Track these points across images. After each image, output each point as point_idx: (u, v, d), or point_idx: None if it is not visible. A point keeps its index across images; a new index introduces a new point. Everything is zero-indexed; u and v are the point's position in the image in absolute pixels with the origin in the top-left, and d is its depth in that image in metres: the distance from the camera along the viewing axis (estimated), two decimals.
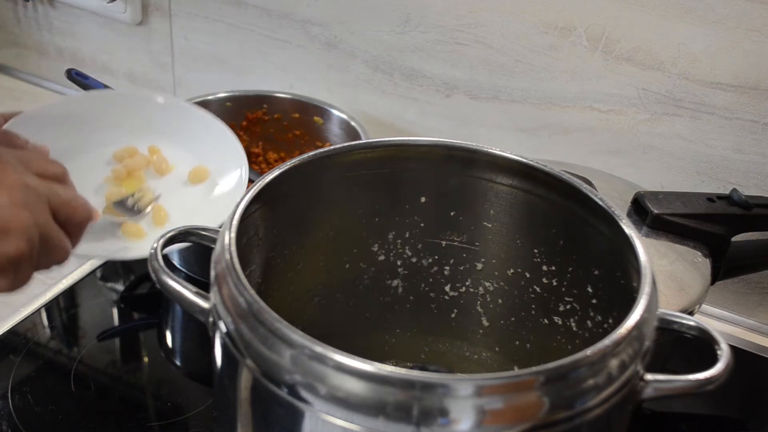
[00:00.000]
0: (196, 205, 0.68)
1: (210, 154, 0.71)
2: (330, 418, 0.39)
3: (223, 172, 0.70)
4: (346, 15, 0.90)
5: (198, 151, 0.72)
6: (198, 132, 0.72)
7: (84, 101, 0.72)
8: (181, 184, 0.70)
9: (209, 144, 0.72)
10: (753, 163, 0.76)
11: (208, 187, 0.70)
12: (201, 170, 0.70)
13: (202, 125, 0.72)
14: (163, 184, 0.69)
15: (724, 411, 0.73)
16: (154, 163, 0.70)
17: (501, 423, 0.38)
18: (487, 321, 0.64)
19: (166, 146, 0.71)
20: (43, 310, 0.76)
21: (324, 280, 0.62)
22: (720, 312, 0.83)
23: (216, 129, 0.72)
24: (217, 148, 0.71)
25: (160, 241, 0.50)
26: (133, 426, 0.65)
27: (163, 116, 0.73)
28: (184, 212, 0.67)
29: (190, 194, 0.69)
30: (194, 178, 0.70)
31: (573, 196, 0.54)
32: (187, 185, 0.70)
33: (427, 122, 0.91)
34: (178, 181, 0.70)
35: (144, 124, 0.72)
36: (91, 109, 0.71)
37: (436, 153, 0.58)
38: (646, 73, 0.77)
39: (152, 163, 0.70)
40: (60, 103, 0.71)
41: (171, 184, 0.70)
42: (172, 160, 0.71)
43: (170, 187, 0.69)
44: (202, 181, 0.70)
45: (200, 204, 0.68)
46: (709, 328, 0.45)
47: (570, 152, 0.84)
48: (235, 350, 0.42)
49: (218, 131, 0.72)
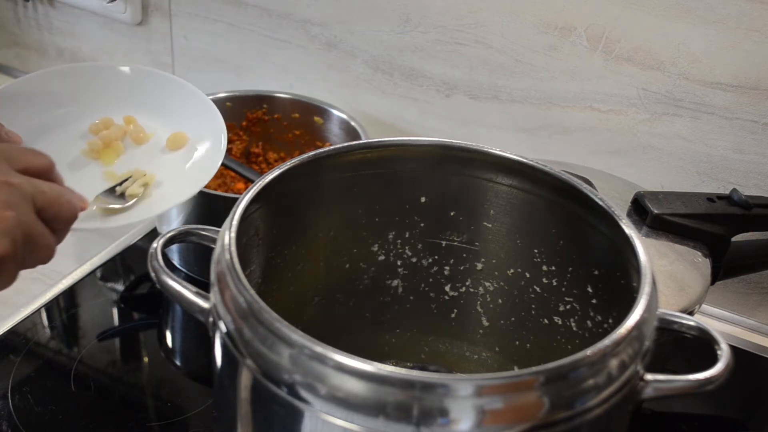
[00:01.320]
0: (175, 171, 0.67)
1: (187, 120, 0.70)
2: (330, 418, 0.39)
3: (202, 136, 0.69)
4: (346, 15, 0.90)
5: (174, 118, 0.71)
6: (173, 99, 0.72)
7: (54, 77, 0.71)
8: (159, 151, 0.69)
9: (186, 110, 0.71)
10: (753, 163, 0.76)
11: (187, 153, 0.69)
12: (179, 136, 0.69)
13: (177, 92, 0.72)
14: (140, 152, 0.68)
15: (724, 411, 0.73)
16: (131, 132, 0.69)
17: (501, 423, 0.38)
18: (487, 321, 0.64)
19: (142, 115, 0.71)
20: (43, 310, 0.76)
21: (324, 280, 0.62)
22: (720, 312, 0.83)
23: (191, 94, 0.72)
24: (194, 114, 0.70)
25: (160, 241, 0.50)
26: (133, 426, 0.65)
27: (136, 86, 0.72)
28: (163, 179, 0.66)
29: (169, 161, 0.68)
30: (172, 145, 0.69)
31: (573, 196, 0.54)
32: (166, 152, 0.69)
33: (427, 122, 0.91)
34: (156, 148, 0.69)
35: (117, 95, 0.71)
36: (62, 84, 0.70)
37: (436, 153, 0.58)
38: (646, 73, 0.77)
39: (129, 132, 0.69)
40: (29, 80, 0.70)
41: (149, 153, 0.69)
42: (149, 129, 0.70)
43: (148, 156, 0.68)
44: (180, 147, 0.69)
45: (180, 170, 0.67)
46: (709, 328, 0.45)
47: (570, 152, 0.84)
48: (235, 350, 0.42)
49: (193, 96, 0.71)
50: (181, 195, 0.64)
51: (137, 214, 0.63)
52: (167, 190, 0.65)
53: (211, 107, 0.70)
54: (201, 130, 0.69)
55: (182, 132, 0.70)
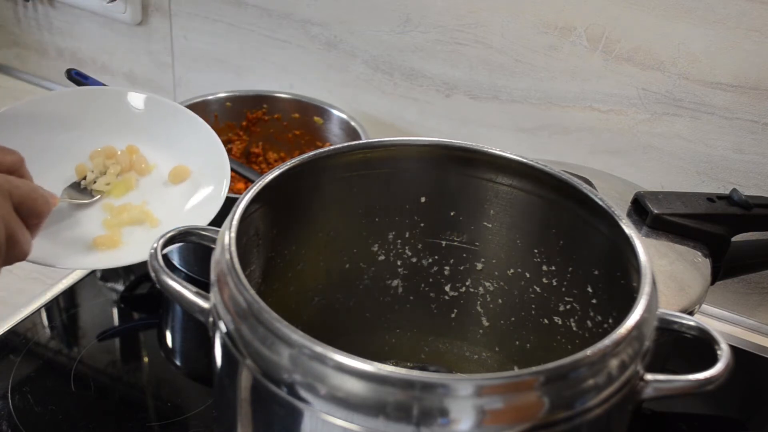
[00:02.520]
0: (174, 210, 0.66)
1: (192, 155, 0.69)
2: (330, 418, 0.39)
3: (205, 174, 0.67)
4: (346, 15, 0.90)
5: (179, 151, 0.69)
6: (180, 131, 0.70)
7: (59, 100, 0.69)
8: (160, 184, 0.67)
9: (192, 144, 0.69)
10: (753, 163, 0.76)
11: (188, 189, 0.67)
12: (182, 169, 0.68)
13: (186, 124, 0.70)
14: (142, 184, 0.67)
15: (724, 411, 0.73)
16: (134, 162, 0.68)
17: (501, 423, 0.38)
18: (487, 321, 0.64)
19: (146, 145, 0.69)
20: (43, 310, 0.76)
21: (324, 280, 0.62)
22: (720, 312, 0.83)
23: (200, 129, 0.70)
24: (200, 149, 0.69)
25: (160, 241, 0.50)
26: (133, 426, 0.65)
27: (142, 114, 0.70)
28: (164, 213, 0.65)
29: (169, 195, 0.67)
30: (175, 178, 0.68)
31: (573, 196, 0.54)
32: (167, 185, 0.68)
33: (427, 122, 0.91)
34: (158, 181, 0.68)
35: (121, 123, 0.69)
36: (67, 108, 0.69)
37: (436, 153, 0.58)
38: (646, 73, 0.77)
39: (132, 163, 0.68)
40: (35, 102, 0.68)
41: (151, 184, 0.67)
42: (152, 160, 0.68)
43: (150, 187, 0.67)
44: (183, 180, 0.67)
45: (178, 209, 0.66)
46: (709, 328, 0.45)
47: (570, 152, 0.84)
48: (235, 350, 0.42)
49: (202, 132, 0.69)
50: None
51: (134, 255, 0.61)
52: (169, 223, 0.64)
53: (219, 146, 0.68)
54: (205, 168, 0.68)
55: (185, 165, 0.68)
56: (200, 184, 0.67)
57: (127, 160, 0.68)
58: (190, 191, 0.67)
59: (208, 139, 0.69)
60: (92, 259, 0.62)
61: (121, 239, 0.63)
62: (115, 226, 0.63)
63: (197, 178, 0.67)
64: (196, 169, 0.68)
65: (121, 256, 0.62)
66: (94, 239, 0.62)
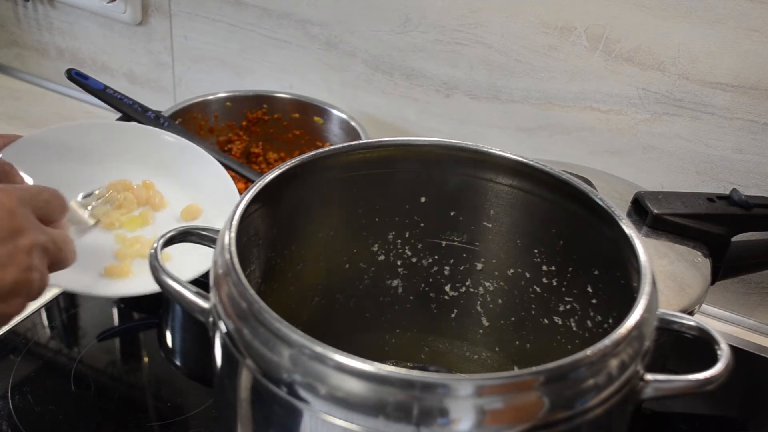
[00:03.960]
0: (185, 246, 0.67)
1: (204, 193, 0.70)
2: (330, 418, 0.39)
3: (217, 212, 0.68)
4: (346, 15, 0.90)
5: (192, 190, 0.70)
6: (194, 170, 0.71)
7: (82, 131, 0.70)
8: (173, 220, 0.68)
9: (204, 183, 0.70)
10: (753, 163, 0.76)
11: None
12: (194, 208, 0.69)
13: (199, 164, 0.71)
14: (156, 219, 0.68)
15: (724, 411, 0.73)
16: (149, 197, 0.69)
17: (501, 423, 0.38)
18: (487, 321, 0.64)
19: (161, 182, 0.70)
20: (43, 310, 0.76)
21: (324, 280, 0.62)
22: (720, 312, 0.83)
23: (212, 168, 0.71)
24: (213, 188, 0.70)
25: (160, 241, 0.50)
26: (133, 426, 0.65)
27: (160, 151, 0.71)
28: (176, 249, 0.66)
29: None
30: (187, 216, 0.69)
31: (573, 196, 0.54)
32: (180, 222, 0.68)
33: (427, 122, 0.91)
34: (171, 217, 0.69)
35: (138, 159, 0.71)
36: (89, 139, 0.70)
37: (436, 153, 0.58)
38: (646, 73, 0.77)
39: (147, 198, 0.69)
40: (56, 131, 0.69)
41: (163, 221, 0.68)
42: (166, 197, 0.70)
43: (162, 224, 0.68)
44: (194, 219, 0.69)
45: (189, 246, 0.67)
46: (709, 328, 0.45)
47: (570, 152, 0.84)
48: (235, 350, 0.42)
49: (214, 171, 0.71)
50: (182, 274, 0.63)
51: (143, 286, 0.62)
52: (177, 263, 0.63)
53: (230, 185, 0.69)
54: (217, 208, 0.69)
55: (198, 204, 0.69)
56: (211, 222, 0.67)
57: (143, 195, 0.69)
58: None
59: (220, 177, 0.70)
60: (102, 287, 0.62)
61: (131, 270, 0.63)
62: (127, 257, 0.64)
63: (209, 217, 0.69)
64: (208, 207, 0.69)
65: (131, 285, 0.63)
66: (106, 268, 0.63)
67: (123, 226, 0.67)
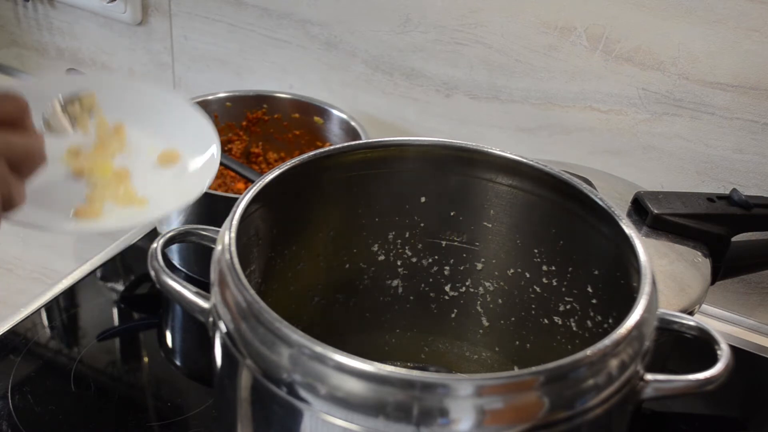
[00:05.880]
0: (165, 186, 0.64)
1: (180, 137, 0.67)
2: (330, 418, 0.39)
3: (194, 153, 0.66)
4: (346, 15, 0.90)
5: (168, 135, 0.67)
6: (167, 115, 0.69)
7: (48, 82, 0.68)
8: (150, 167, 0.66)
9: (180, 127, 0.68)
10: (753, 163, 0.76)
11: (179, 169, 0.66)
12: (171, 153, 0.66)
13: (172, 108, 0.69)
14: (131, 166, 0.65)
15: (724, 411, 0.73)
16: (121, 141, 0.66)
17: (501, 423, 0.38)
18: (487, 321, 0.64)
19: (133, 128, 0.67)
20: (43, 310, 0.76)
21: (324, 280, 0.62)
22: (720, 312, 0.83)
23: (184, 110, 0.69)
24: (187, 130, 0.67)
25: (160, 241, 0.50)
26: (133, 426, 0.65)
27: (131, 98, 0.69)
28: (152, 192, 0.63)
29: (160, 176, 0.65)
30: (163, 160, 0.66)
31: (573, 196, 0.54)
32: (156, 168, 0.66)
33: (427, 122, 0.91)
34: (148, 164, 0.66)
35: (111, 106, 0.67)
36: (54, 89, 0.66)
37: (436, 153, 0.58)
38: (646, 73, 0.77)
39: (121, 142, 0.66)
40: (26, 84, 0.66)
41: (140, 167, 0.65)
42: (141, 144, 0.67)
43: (139, 170, 0.65)
44: (172, 163, 0.66)
45: (170, 184, 0.64)
46: (709, 328, 0.45)
47: (570, 152, 0.84)
48: (235, 350, 0.42)
49: (186, 112, 0.69)
50: (169, 205, 0.62)
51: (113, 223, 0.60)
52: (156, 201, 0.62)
53: (205, 121, 0.67)
54: (193, 144, 0.67)
55: (175, 149, 0.67)
56: (190, 161, 0.66)
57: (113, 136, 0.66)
58: (181, 171, 0.66)
59: (195, 120, 0.68)
60: (71, 226, 0.61)
61: (102, 211, 0.61)
62: (98, 200, 0.63)
63: (186, 158, 0.66)
64: (185, 149, 0.67)
65: (101, 224, 0.60)
66: (76, 209, 0.61)
67: (96, 170, 0.65)
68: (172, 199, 0.62)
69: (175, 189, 0.65)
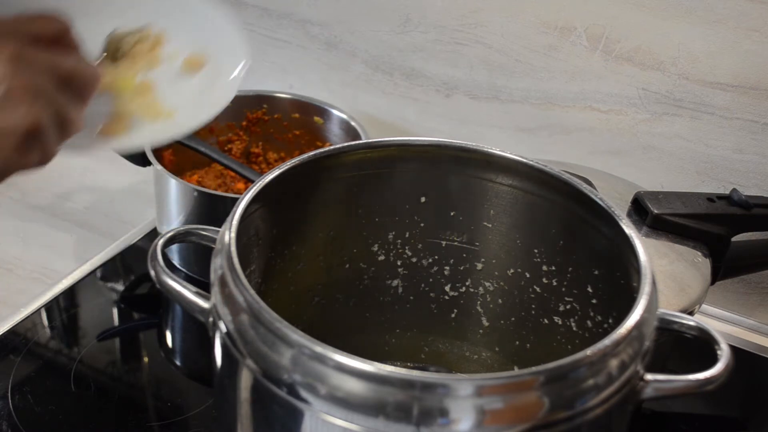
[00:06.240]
0: (192, 96, 0.62)
1: (207, 42, 0.64)
2: (330, 418, 0.39)
3: (222, 60, 0.63)
4: (346, 15, 0.90)
5: (194, 39, 0.64)
6: (195, 20, 0.65)
7: None
8: (174, 75, 0.63)
9: (208, 31, 0.64)
10: (753, 163, 0.76)
11: (206, 78, 0.63)
12: (196, 58, 0.63)
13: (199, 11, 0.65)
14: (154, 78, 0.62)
15: (724, 411, 0.73)
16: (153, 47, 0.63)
17: (501, 423, 0.38)
18: (487, 321, 0.64)
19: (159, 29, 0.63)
20: (43, 310, 0.76)
21: (324, 280, 0.62)
22: (720, 312, 0.83)
23: (214, 15, 0.65)
24: (212, 31, 0.64)
25: (160, 241, 0.50)
26: (133, 426, 0.65)
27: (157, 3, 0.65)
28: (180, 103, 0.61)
29: (185, 85, 0.62)
30: (189, 67, 0.63)
31: (573, 196, 0.54)
32: (180, 77, 0.63)
33: (427, 122, 0.91)
34: (171, 72, 0.63)
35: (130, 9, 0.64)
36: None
37: (436, 153, 0.58)
38: (646, 73, 0.77)
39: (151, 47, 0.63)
40: None
41: (163, 78, 0.62)
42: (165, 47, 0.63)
43: (163, 81, 0.62)
44: (197, 70, 0.63)
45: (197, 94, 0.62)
46: (709, 328, 0.45)
47: (570, 152, 0.84)
48: (235, 350, 0.42)
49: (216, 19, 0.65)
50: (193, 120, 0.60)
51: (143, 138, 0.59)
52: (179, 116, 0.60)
53: (233, 28, 0.64)
54: (221, 52, 0.63)
55: (200, 54, 0.63)
56: (218, 68, 0.63)
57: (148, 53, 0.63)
58: (207, 79, 0.63)
59: (221, 22, 0.65)
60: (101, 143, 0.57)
61: (129, 126, 0.59)
62: (124, 116, 0.59)
63: (213, 65, 0.63)
64: (211, 54, 0.64)
65: (131, 140, 0.59)
66: (103, 126, 0.58)
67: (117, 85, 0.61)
68: (201, 108, 0.60)
69: (203, 98, 0.61)
